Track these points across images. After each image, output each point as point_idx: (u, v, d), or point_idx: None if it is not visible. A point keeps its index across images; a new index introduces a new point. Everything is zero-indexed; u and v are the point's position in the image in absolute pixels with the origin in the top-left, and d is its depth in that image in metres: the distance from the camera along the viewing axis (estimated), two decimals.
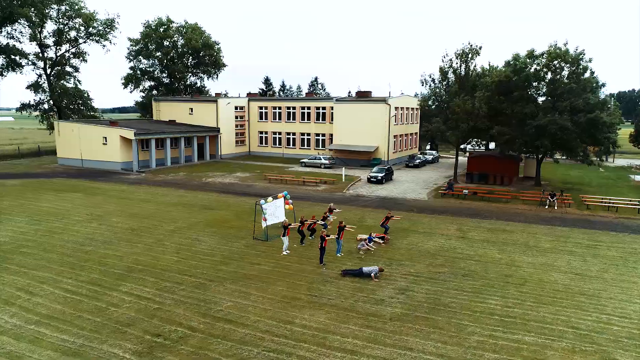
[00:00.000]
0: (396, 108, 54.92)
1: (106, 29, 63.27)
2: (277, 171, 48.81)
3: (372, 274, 18.94)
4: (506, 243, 24.63)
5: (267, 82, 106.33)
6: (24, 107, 63.35)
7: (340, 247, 22.10)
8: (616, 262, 21.73)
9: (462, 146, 66.92)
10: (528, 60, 37.92)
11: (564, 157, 38.38)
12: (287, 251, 22.34)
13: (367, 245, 22.59)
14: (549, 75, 37.68)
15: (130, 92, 78.82)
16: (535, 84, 37.99)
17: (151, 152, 50.41)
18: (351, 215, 30.61)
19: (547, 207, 33.08)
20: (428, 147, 73.69)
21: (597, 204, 33.57)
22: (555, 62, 36.37)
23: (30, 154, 62.67)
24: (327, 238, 20.61)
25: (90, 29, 62.42)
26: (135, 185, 41.10)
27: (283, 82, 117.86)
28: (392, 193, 38.40)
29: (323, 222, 25.81)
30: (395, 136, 56.03)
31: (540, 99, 38.77)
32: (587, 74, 36.85)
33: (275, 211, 25.86)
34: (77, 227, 26.71)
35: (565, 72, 36.83)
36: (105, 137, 49.46)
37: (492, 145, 58.55)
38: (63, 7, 59.31)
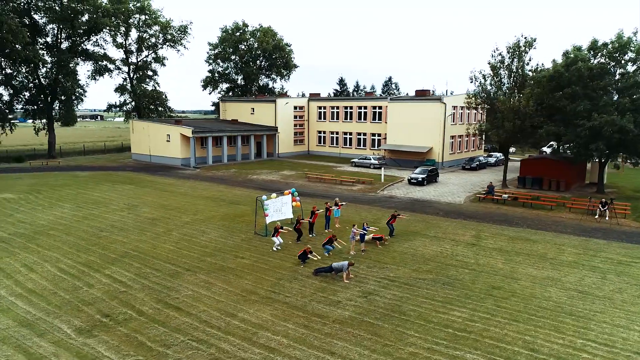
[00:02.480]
0: (454, 107, 52.12)
1: (180, 34, 68.33)
2: (323, 170, 48.93)
3: (345, 273, 18.35)
4: (520, 253, 22.29)
5: (341, 82, 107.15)
6: (110, 107, 70.69)
7: (329, 250, 21.61)
8: None
9: (541, 148, 61.64)
10: (590, 52, 33.84)
11: None
12: (279, 247, 22.42)
13: (357, 231, 21.74)
14: (617, 70, 33.31)
15: (209, 93, 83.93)
16: (598, 79, 33.69)
17: (208, 149, 53.38)
18: (369, 215, 29.80)
19: (596, 216, 29.25)
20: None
21: None
22: (619, 53, 32.00)
23: (115, 149, 69.67)
24: (310, 256, 20.32)
25: (167, 35, 67.79)
26: (184, 179, 43.85)
27: (357, 82, 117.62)
28: (427, 195, 36.58)
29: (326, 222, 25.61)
30: (452, 137, 53.19)
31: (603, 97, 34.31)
32: None
33: (281, 207, 26.13)
34: (108, 214, 29.26)
35: (632, 67, 32.24)
36: (169, 135, 53.42)
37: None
38: (143, 17, 65.13)
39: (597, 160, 36.45)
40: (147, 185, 40.00)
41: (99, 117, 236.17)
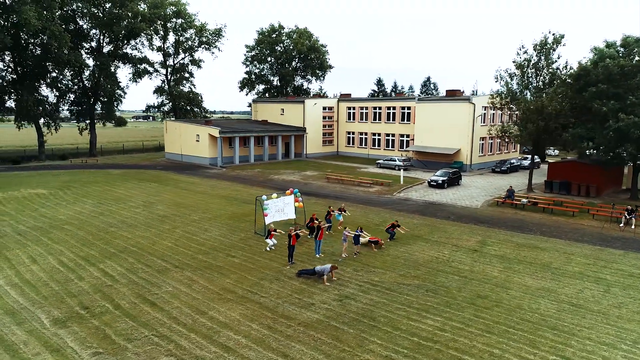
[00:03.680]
0: (484, 108, 50.21)
1: (215, 37, 70.13)
2: (347, 171, 48.64)
3: (325, 276, 18.13)
4: (522, 261, 21.13)
5: (379, 83, 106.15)
6: (148, 108, 73.71)
7: (318, 248, 21.48)
8: None
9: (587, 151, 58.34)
10: (624, 49, 31.58)
11: None
12: (272, 247, 22.49)
13: (349, 234, 21.39)
14: None
15: (246, 94, 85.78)
16: (631, 77, 31.30)
17: (235, 149, 54.44)
18: (377, 217, 29.30)
19: (621, 225, 27.22)
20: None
21: None
22: None
23: (153, 148, 72.51)
24: (293, 234, 20.28)
25: (203, 38, 69.85)
26: (207, 178, 44.93)
27: (395, 82, 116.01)
28: (444, 199, 35.45)
29: (329, 224, 25.39)
30: (482, 138, 51.26)
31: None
32: None
33: (283, 208, 26.17)
34: (124, 211, 30.47)
35: None
36: (198, 135, 54.96)
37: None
38: (180, 20, 67.44)
39: (631, 164, 33.97)
40: (170, 184, 41.34)
41: (151, 117, 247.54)
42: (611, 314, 15.82)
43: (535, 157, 56.07)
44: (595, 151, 34.21)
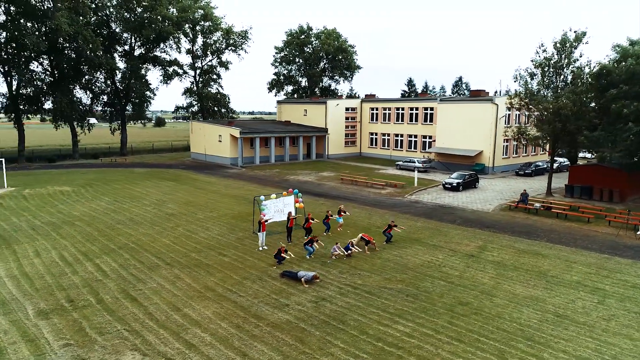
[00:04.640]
0: (509, 108, 48.54)
1: (241, 39, 71.34)
2: (365, 172, 48.28)
3: (303, 279, 18.12)
4: (519, 268, 20.32)
5: (410, 83, 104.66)
6: (177, 109, 75.84)
7: (310, 252, 21.44)
8: None
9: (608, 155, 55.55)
10: None
11: None
12: (265, 247, 22.66)
13: (339, 250, 21.38)
14: None
15: (275, 95, 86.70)
16: None
17: (255, 150, 55.17)
18: (380, 220, 28.92)
19: (638, 232, 25.65)
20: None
21: None
22: None
23: (182, 148, 74.48)
24: (284, 254, 20.35)
25: (230, 40, 71.21)
26: (224, 178, 45.73)
27: (426, 82, 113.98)
28: (456, 202, 34.56)
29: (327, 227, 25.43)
30: (506, 140, 49.60)
31: None
32: None
33: (283, 208, 26.36)
34: (135, 209, 31.50)
35: None
36: (220, 135, 56.07)
37: None
38: (207, 23, 69.01)
39: None
40: (187, 183, 42.38)
41: (190, 118, 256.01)
42: (597, 326, 14.98)
43: (565, 159, 53.96)
44: (619, 154, 32.40)
